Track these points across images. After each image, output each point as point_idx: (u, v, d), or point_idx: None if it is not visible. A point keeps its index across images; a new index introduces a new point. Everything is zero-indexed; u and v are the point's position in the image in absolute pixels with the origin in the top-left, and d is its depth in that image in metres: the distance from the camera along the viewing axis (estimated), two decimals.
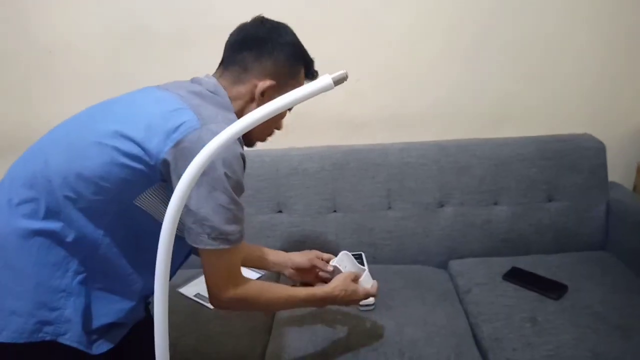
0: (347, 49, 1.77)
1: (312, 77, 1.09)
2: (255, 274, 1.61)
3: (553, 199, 1.76)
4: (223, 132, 0.55)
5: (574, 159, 1.74)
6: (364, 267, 1.49)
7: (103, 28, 1.75)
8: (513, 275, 1.56)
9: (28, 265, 0.89)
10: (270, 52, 1.02)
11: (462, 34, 1.77)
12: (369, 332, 1.35)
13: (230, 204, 0.91)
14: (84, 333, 0.91)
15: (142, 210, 0.93)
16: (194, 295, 1.54)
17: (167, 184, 0.91)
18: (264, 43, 1.02)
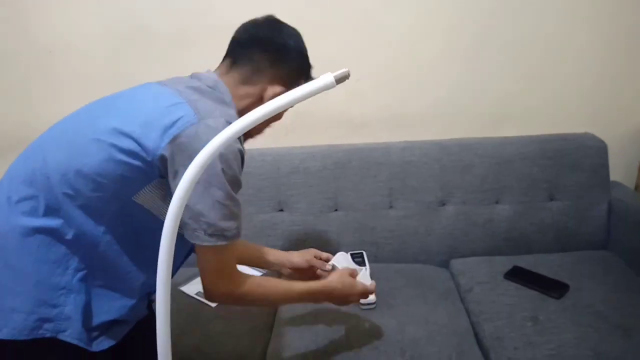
0: (347, 49, 1.76)
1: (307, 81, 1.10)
2: (257, 273, 1.61)
3: (554, 198, 1.76)
4: (226, 129, 0.55)
5: (576, 158, 1.74)
6: (365, 266, 1.51)
7: (103, 28, 1.75)
8: (514, 274, 1.55)
9: (28, 263, 0.89)
10: (286, 59, 1.04)
11: (463, 34, 1.77)
12: (370, 331, 1.35)
13: (227, 200, 0.91)
14: (84, 330, 0.92)
15: (141, 207, 0.93)
16: (196, 294, 1.54)
17: (165, 180, 0.91)
18: (282, 49, 1.03)
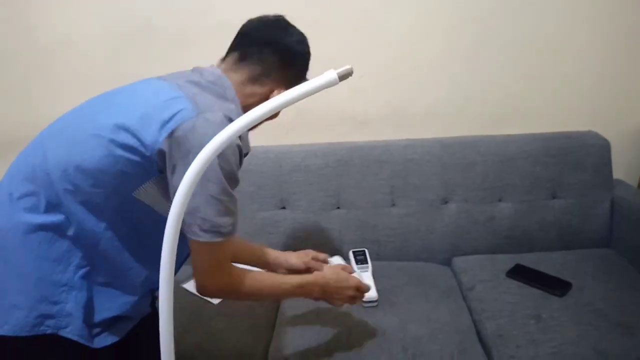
0: (349, 47, 1.76)
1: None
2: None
3: (557, 196, 1.75)
4: (230, 125, 0.54)
5: (579, 157, 1.73)
6: (367, 264, 1.52)
7: (103, 27, 1.75)
8: (517, 272, 1.55)
9: (30, 260, 0.89)
10: (295, 64, 1.05)
11: (464, 33, 1.76)
12: (372, 328, 1.35)
13: (223, 195, 0.90)
14: (86, 326, 0.92)
15: (142, 204, 0.93)
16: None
17: (165, 176, 0.91)
18: (294, 55, 1.04)
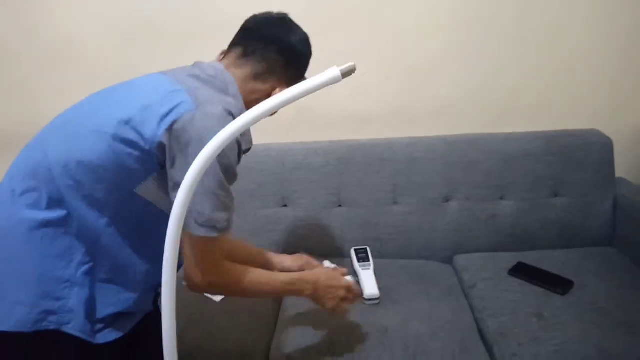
0: (352, 44, 1.76)
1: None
2: None
3: (559, 195, 1.75)
4: (233, 122, 0.55)
5: (581, 155, 1.73)
6: (369, 262, 1.53)
7: (106, 26, 1.75)
8: (518, 271, 1.55)
9: (32, 256, 0.89)
10: (298, 64, 1.06)
11: (466, 31, 1.76)
12: (374, 326, 1.35)
13: (219, 190, 0.90)
14: (88, 322, 0.92)
15: (143, 200, 0.93)
16: None
17: (165, 172, 0.91)
18: (297, 55, 1.05)
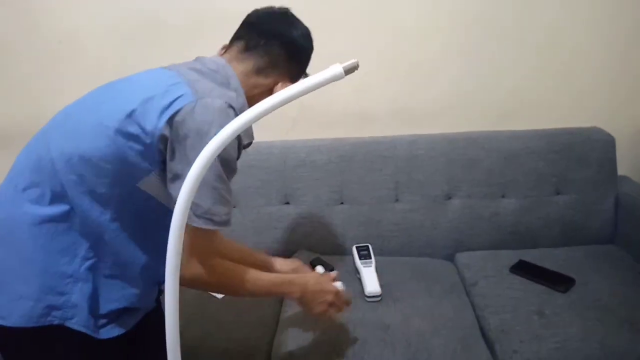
0: (353, 43, 1.76)
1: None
2: None
3: (561, 192, 1.75)
4: (237, 118, 0.55)
5: (583, 152, 1.73)
6: (370, 259, 1.53)
7: (108, 23, 1.75)
8: (520, 268, 1.55)
9: (36, 251, 0.90)
10: (300, 59, 1.06)
11: (470, 29, 1.76)
12: (376, 323, 1.35)
13: (217, 182, 0.90)
14: (91, 318, 0.93)
15: (146, 194, 0.93)
16: None
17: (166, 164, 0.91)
18: (299, 49, 1.05)
